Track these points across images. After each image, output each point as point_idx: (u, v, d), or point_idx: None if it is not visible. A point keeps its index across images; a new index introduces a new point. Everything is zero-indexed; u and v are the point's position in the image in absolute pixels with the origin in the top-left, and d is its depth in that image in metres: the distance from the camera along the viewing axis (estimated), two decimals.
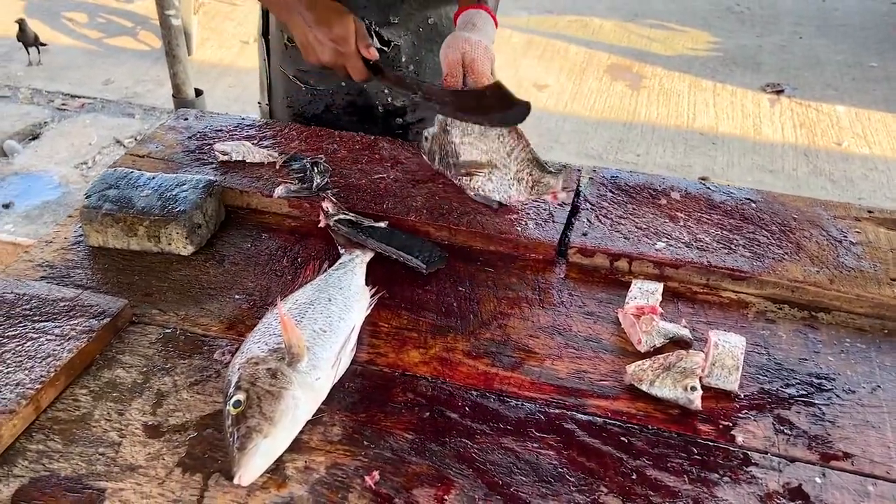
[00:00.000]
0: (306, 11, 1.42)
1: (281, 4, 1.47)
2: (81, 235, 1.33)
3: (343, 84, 1.67)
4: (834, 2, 6.18)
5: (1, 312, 1.12)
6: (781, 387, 1.08)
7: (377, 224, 1.34)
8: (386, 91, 1.68)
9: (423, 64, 1.70)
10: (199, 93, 3.92)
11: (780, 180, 4.04)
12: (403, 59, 1.67)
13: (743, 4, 6.12)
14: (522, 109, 1.31)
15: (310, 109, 1.74)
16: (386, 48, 1.64)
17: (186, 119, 1.66)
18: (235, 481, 0.89)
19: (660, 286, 1.21)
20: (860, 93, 4.88)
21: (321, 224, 1.35)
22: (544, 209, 1.39)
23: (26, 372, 1.02)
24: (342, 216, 1.35)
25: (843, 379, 1.10)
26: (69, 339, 1.08)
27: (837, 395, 1.07)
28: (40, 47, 5.02)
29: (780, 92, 4.86)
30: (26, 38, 4.94)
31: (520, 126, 1.33)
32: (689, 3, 6.11)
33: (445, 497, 0.91)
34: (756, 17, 5.92)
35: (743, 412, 1.04)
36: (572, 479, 0.94)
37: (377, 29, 1.62)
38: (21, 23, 4.90)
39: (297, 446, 0.96)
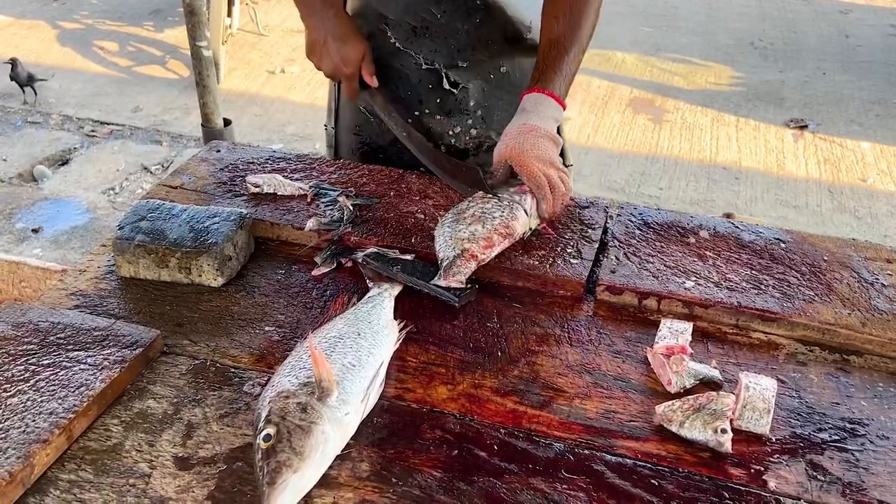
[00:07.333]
0: (329, 20, 1.51)
1: (309, 5, 1.53)
2: (114, 265, 1.35)
3: (410, 121, 1.67)
4: (857, 38, 6.17)
5: (36, 341, 1.13)
6: (814, 431, 1.07)
7: (403, 256, 1.34)
8: (451, 132, 1.69)
9: (492, 110, 1.70)
10: (227, 122, 3.98)
11: (804, 216, 4.01)
12: (471, 104, 1.68)
13: (766, 40, 6.12)
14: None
15: (377, 140, 1.76)
16: (454, 90, 1.65)
17: (219, 151, 1.68)
18: None
19: (689, 326, 1.21)
20: (884, 129, 4.85)
21: (347, 264, 1.37)
22: (572, 246, 1.39)
23: (60, 401, 1.03)
24: (370, 250, 1.35)
25: (877, 424, 1.08)
26: (102, 368, 1.09)
27: (871, 441, 1.05)
28: (36, 85, 4.89)
29: (803, 127, 4.85)
30: (18, 78, 4.81)
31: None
32: (712, 38, 6.13)
33: None
34: (779, 53, 5.92)
35: (775, 456, 1.03)
36: None
37: (445, 71, 1.64)
38: (13, 62, 4.75)
39: (325, 482, 0.96)
